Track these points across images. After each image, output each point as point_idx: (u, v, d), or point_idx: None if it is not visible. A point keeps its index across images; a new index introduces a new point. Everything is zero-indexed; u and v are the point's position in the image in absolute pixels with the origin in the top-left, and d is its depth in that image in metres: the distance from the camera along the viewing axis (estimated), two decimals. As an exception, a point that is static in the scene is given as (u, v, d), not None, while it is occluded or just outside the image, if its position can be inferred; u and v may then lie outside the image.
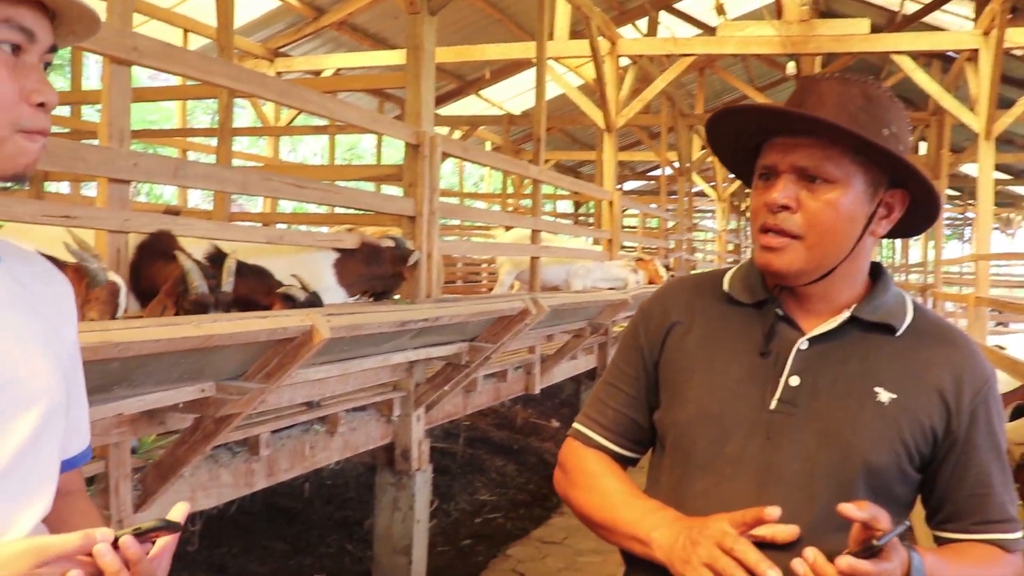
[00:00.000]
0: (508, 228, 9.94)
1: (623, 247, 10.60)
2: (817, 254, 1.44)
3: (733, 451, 1.47)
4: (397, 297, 4.64)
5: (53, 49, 1.12)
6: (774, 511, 1.30)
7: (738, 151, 1.57)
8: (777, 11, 9.62)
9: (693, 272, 1.83)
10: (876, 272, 1.56)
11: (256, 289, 3.61)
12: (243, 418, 3.15)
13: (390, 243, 4.56)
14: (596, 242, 10.31)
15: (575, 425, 1.69)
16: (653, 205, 16.93)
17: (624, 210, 10.35)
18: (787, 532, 1.35)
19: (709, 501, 1.45)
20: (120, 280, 2.76)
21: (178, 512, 1.04)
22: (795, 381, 1.47)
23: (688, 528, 1.38)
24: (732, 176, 1.74)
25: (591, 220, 18.54)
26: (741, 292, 1.57)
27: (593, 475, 1.60)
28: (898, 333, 1.50)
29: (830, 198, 1.42)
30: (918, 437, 1.45)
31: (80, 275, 2.67)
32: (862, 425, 1.43)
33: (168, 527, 1.00)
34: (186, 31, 10.69)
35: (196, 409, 2.97)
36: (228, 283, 3.09)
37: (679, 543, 1.37)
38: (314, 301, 3.45)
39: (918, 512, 1.59)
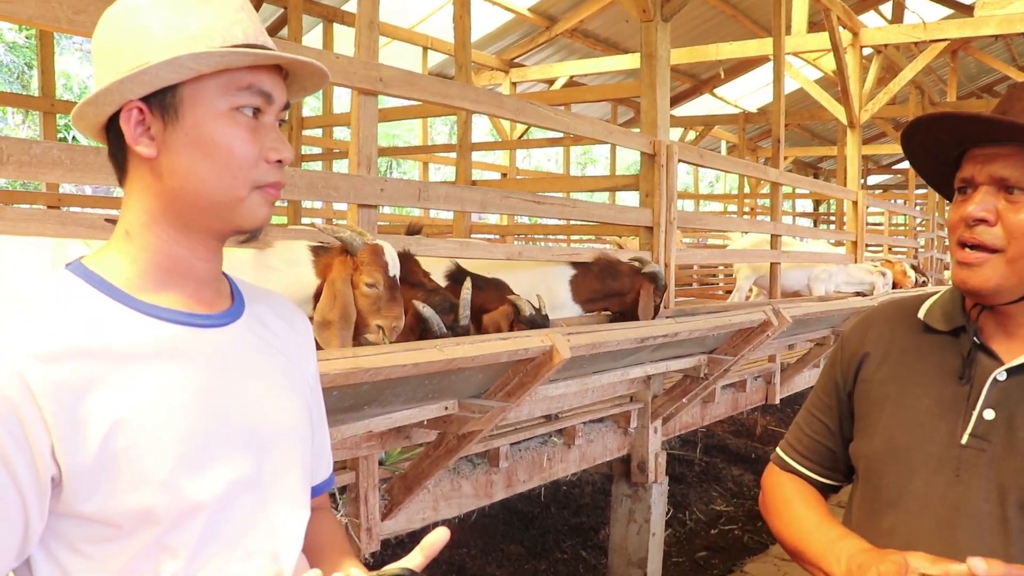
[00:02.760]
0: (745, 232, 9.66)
1: (868, 248, 10.04)
2: (1019, 268, 1.34)
3: (920, 487, 1.40)
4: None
5: (286, 106, 1.18)
6: (978, 566, 1.16)
7: (938, 163, 1.49)
8: (1047, -20, 8.67)
9: (898, 297, 1.71)
10: None
11: (491, 298, 3.69)
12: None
13: (635, 264, 4.49)
14: (839, 243, 9.82)
15: (776, 450, 1.71)
16: (900, 201, 15.95)
17: (868, 207, 9.78)
18: None
19: (895, 539, 1.40)
20: (386, 244, 2.87)
21: (433, 541, 1.10)
22: (989, 415, 1.37)
23: (865, 553, 1.33)
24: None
25: (832, 218, 17.75)
26: (938, 319, 1.50)
27: (786, 501, 1.60)
28: None
29: None
30: None
31: (342, 248, 2.83)
32: None
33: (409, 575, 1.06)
34: (425, 49, 11.17)
35: (440, 426, 3.06)
36: (465, 316, 3.16)
37: (851, 569, 1.33)
38: (536, 321, 3.46)
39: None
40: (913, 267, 10.69)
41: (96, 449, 1.00)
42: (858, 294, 8.35)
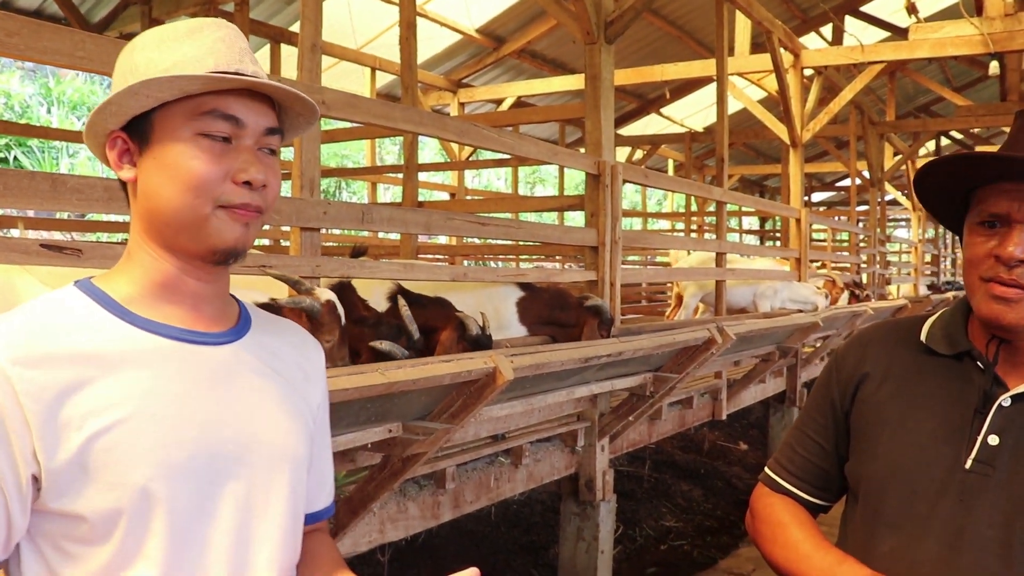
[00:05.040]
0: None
1: (811, 263, 10.19)
2: None
3: (923, 511, 1.39)
4: None
5: (275, 132, 1.22)
6: None
7: (948, 197, 1.47)
8: (977, 6, 8.83)
9: (892, 319, 1.71)
10: None
11: (435, 316, 3.69)
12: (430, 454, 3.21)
13: (589, 301, 4.51)
14: (784, 260, 9.96)
15: (766, 469, 1.68)
16: (843, 218, 16.22)
17: (811, 224, 9.93)
18: None
19: (896, 562, 1.39)
20: (329, 293, 2.90)
21: None
22: (994, 440, 1.37)
23: None
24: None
25: (778, 234, 17.98)
26: (940, 342, 1.48)
27: (780, 525, 1.57)
28: None
29: None
30: None
31: (299, 315, 2.83)
32: None
33: None
34: (374, 69, 11.14)
35: (384, 449, 3.05)
36: (415, 331, 3.16)
37: None
38: (481, 341, 3.47)
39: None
40: (856, 283, 10.88)
41: (76, 450, 1.06)
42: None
